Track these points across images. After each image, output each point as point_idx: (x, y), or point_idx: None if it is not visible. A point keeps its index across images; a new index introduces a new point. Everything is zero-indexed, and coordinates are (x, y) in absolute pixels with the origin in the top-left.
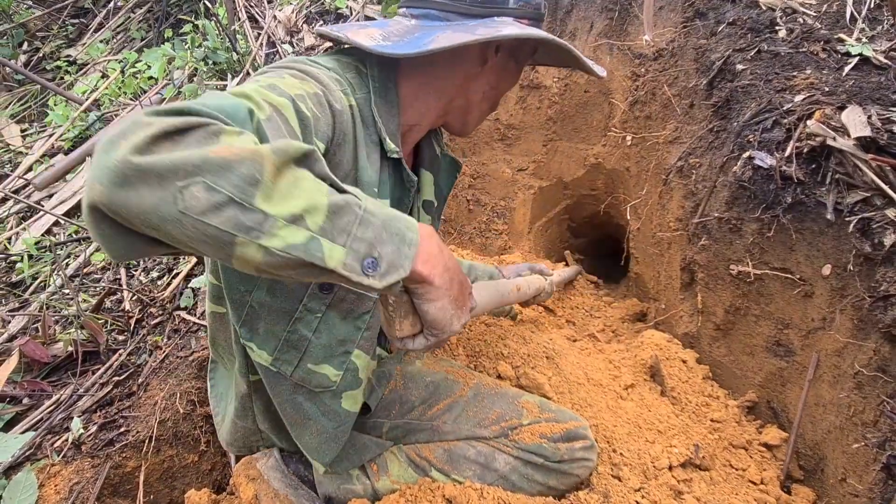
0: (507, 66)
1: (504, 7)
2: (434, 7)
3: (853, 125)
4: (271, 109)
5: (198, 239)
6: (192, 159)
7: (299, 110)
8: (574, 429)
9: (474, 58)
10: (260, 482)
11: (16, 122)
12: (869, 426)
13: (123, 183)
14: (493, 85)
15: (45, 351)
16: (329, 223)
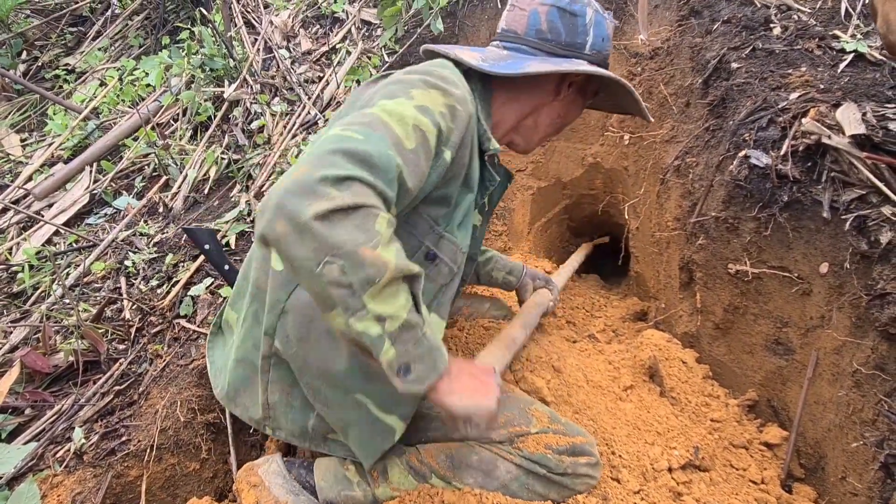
0: (575, 101)
1: (581, 52)
2: (526, 44)
3: (848, 123)
4: (416, 138)
5: (310, 290)
6: (345, 247)
7: (440, 130)
8: (581, 444)
9: (551, 89)
10: (261, 489)
11: (15, 132)
12: (868, 425)
13: (299, 235)
14: (561, 114)
15: (46, 361)
16: (398, 332)
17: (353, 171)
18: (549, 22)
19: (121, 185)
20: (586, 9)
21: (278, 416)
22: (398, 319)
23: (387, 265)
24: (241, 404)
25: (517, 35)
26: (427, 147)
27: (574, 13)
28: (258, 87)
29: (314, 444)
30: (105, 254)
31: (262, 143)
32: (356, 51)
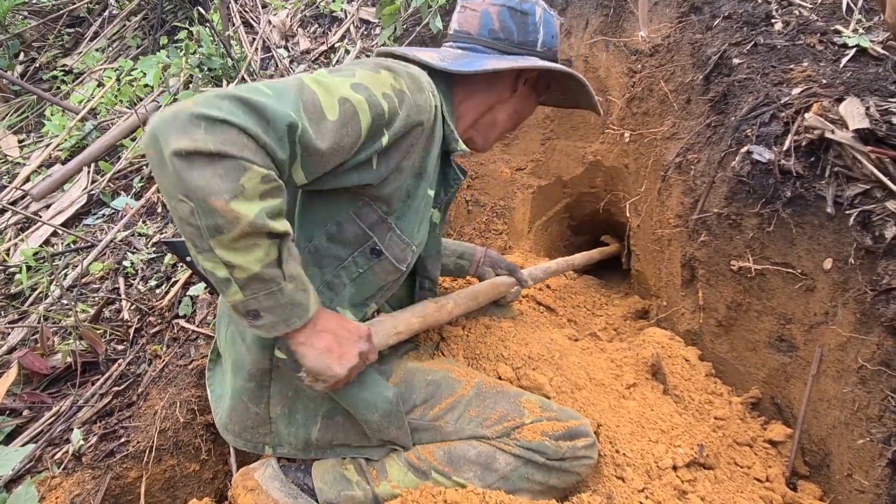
0: (529, 96)
1: (533, 49)
2: (479, 44)
3: (851, 117)
4: (341, 112)
5: (174, 219)
6: (197, 193)
7: (380, 111)
8: (575, 427)
9: (507, 85)
10: (258, 493)
11: (13, 133)
12: (874, 421)
13: (160, 165)
14: (517, 110)
15: (44, 362)
16: (246, 282)
17: (233, 117)
18: (500, 21)
19: (119, 186)
20: (535, 7)
21: (280, 431)
22: (247, 272)
23: (238, 220)
24: (233, 432)
25: (470, 35)
26: (355, 123)
27: (524, 12)
28: None
29: (318, 453)
30: (103, 254)
31: None
32: (355, 50)
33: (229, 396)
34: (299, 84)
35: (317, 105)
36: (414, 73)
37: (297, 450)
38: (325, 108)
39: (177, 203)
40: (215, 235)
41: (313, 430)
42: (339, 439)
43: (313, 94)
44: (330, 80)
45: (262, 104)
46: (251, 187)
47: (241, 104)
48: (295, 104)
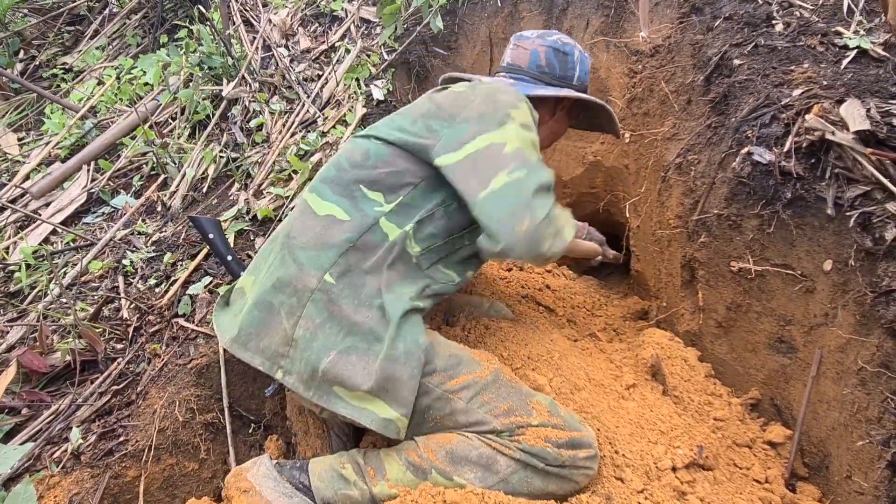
0: (563, 121)
1: (570, 83)
2: (528, 76)
3: (852, 119)
4: (534, 150)
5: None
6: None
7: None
8: (579, 437)
9: (548, 110)
10: (252, 494)
11: (13, 131)
12: (873, 423)
13: (544, 259)
14: (553, 131)
15: (43, 361)
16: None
17: (549, 203)
18: (546, 59)
19: (118, 184)
20: (574, 49)
21: (296, 355)
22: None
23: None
24: (252, 347)
25: (520, 69)
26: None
27: (566, 52)
28: (257, 85)
29: (318, 393)
30: (103, 253)
31: (261, 142)
32: (355, 49)
33: (264, 311)
34: (527, 150)
35: (537, 155)
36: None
37: (301, 381)
38: (529, 156)
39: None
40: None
41: (324, 360)
42: (342, 377)
43: (526, 154)
44: (517, 135)
45: (548, 183)
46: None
47: (546, 191)
48: (538, 163)
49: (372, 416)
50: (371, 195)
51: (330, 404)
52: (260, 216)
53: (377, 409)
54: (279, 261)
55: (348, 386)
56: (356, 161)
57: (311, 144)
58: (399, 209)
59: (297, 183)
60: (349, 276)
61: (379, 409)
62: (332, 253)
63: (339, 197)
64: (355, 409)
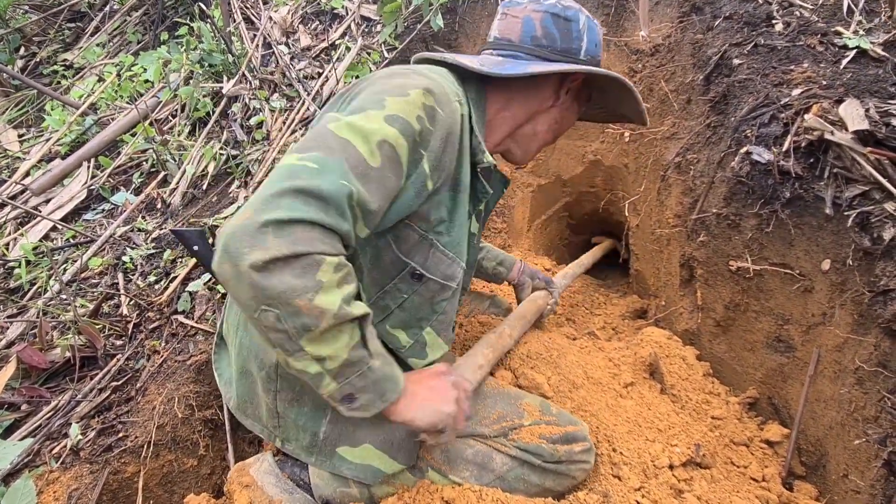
0: (571, 107)
1: (577, 58)
2: (521, 51)
3: (851, 118)
4: (383, 155)
5: (256, 329)
6: (280, 298)
7: (415, 139)
8: (573, 431)
9: (549, 93)
10: (254, 489)
11: (13, 128)
12: (870, 422)
13: (237, 281)
14: (557, 120)
15: (42, 357)
16: (338, 370)
17: (297, 212)
18: (543, 28)
19: (118, 181)
20: (579, 14)
21: (288, 427)
22: (338, 359)
23: (323, 315)
24: (250, 415)
25: (511, 42)
26: (397, 162)
27: (568, 18)
28: (257, 82)
29: (321, 458)
30: (102, 249)
31: (261, 139)
32: (356, 47)
33: (248, 380)
34: (338, 142)
35: (360, 159)
36: (439, 81)
37: (301, 448)
38: (367, 159)
39: (260, 314)
40: (304, 334)
41: (323, 423)
42: (345, 436)
43: (353, 149)
44: (363, 123)
45: (316, 189)
46: (328, 280)
47: (298, 195)
48: (342, 170)
49: (378, 473)
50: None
51: (335, 469)
52: None
53: (384, 465)
54: (243, 325)
55: (352, 443)
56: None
57: None
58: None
59: None
60: None
61: (386, 465)
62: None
63: None
64: (363, 469)
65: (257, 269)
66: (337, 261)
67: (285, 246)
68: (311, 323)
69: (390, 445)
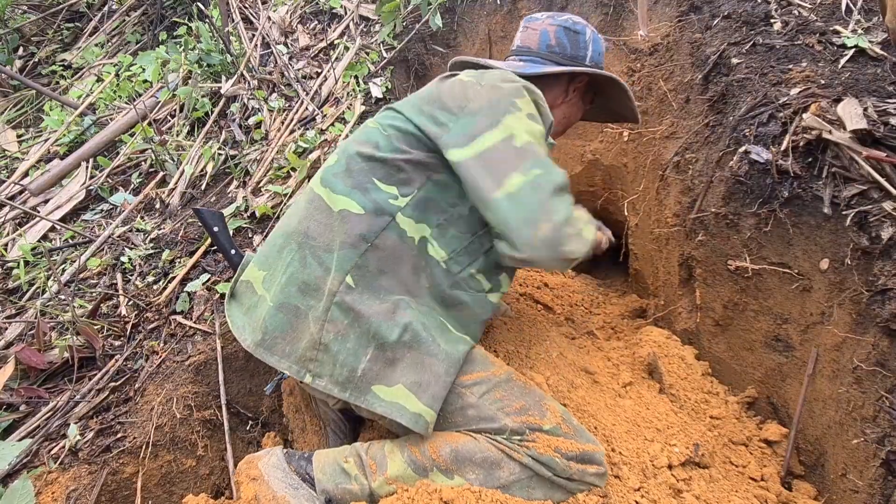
0: (577, 104)
1: (583, 63)
2: (538, 56)
3: (849, 118)
4: (539, 145)
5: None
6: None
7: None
8: (591, 452)
9: (560, 91)
10: (260, 482)
11: (12, 128)
12: (868, 421)
13: (565, 266)
14: (566, 115)
15: (41, 357)
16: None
17: (567, 204)
18: (557, 38)
19: (117, 181)
20: (586, 28)
21: (326, 359)
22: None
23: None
24: (278, 351)
25: (530, 50)
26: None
27: (577, 31)
28: (255, 82)
29: (356, 394)
30: (101, 250)
31: (260, 139)
32: (354, 46)
33: (290, 314)
34: (530, 147)
35: (541, 153)
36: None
37: (335, 383)
38: (542, 152)
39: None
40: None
41: (363, 359)
42: (382, 375)
43: (536, 147)
44: (525, 127)
45: (563, 184)
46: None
47: (562, 192)
48: (549, 161)
49: (403, 410)
50: (384, 188)
51: (367, 404)
52: (258, 214)
53: (409, 404)
54: (299, 261)
55: (387, 382)
56: (366, 152)
57: (310, 142)
58: (416, 204)
59: (295, 180)
60: (368, 278)
61: (411, 403)
62: (352, 254)
63: (352, 189)
64: (390, 406)
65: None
66: (584, 216)
67: (572, 227)
68: (591, 238)
69: (419, 387)
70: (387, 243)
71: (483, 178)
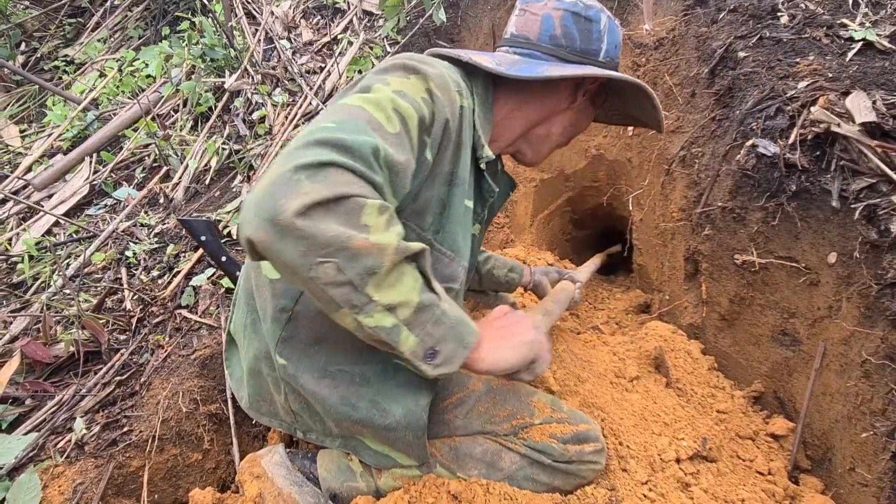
0: (586, 109)
1: (595, 59)
2: (538, 50)
3: (858, 111)
4: (400, 123)
5: (312, 293)
6: (334, 242)
7: (423, 117)
8: (585, 431)
9: (565, 95)
10: (264, 480)
11: (15, 123)
12: (877, 415)
13: (281, 237)
14: (572, 123)
15: (46, 351)
16: (413, 317)
17: (326, 157)
18: (563, 27)
19: (121, 176)
20: (601, 14)
21: (305, 420)
22: (410, 305)
23: (384, 251)
24: (266, 413)
25: (529, 40)
26: (410, 132)
27: (589, 18)
28: (259, 77)
29: (345, 442)
30: (105, 244)
31: (264, 134)
32: (358, 41)
33: (258, 380)
34: (352, 109)
35: (378, 123)
36: (441, 72)
37: (325, 436)
38: (384, 124)
39: (317, 269)
40: (370, 278)
41: (335, 428)
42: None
43: (369, 115)
44: (373, 96)
45: (341, 139)
46: (374, 223)
47: (324, 145)
48: (364, 128)
49: (394, 462)
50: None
51: (358, 455)
52: None
53: (398, 456)
54: (252, 327)
55: (371, 439)
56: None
57: None
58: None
59: None
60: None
61: (400, 456)
62: (276, 329)
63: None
64: (379, 457)
65: (301, 216)
66: (379, 203)
67: (325, 188)
68: (374, 263)
69: (401, 450)
70: (311, 308)
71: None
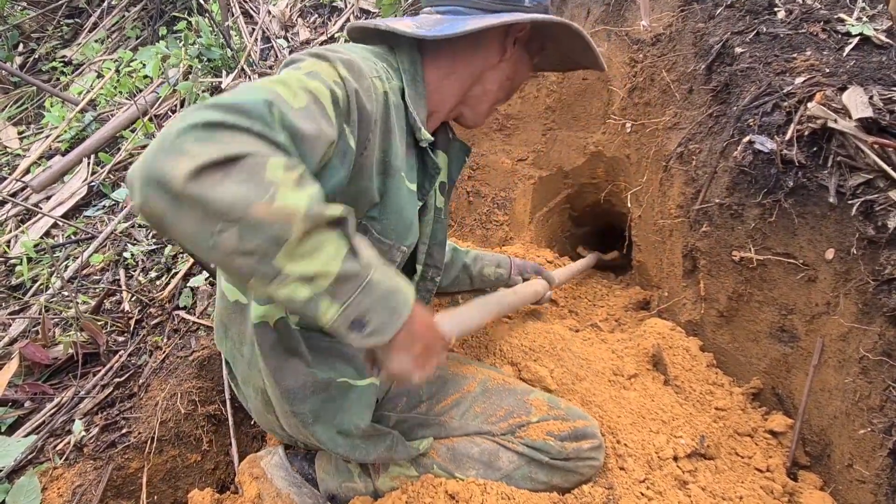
0: (522, 59)
1: (520, 4)
2: (461, 5)
3: (854, 106)
4: (308, 99)
5: (219, 265)
6: (234, 210)
7: (336, 98)
8: (582, 427)
9: (495, 49)
10: (263, 481)
11: (12, 125)
12: (875, 411)
13: (175, 206)
14: (509, 76)
15: (45, 353)
16: (333, 287)
17: (216, 117)
18: None
19: (119, 177)
20: None
21: (303, 433)
22: (329, 275)
23: (291, 217)
24: (266, 425)
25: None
26: (322, 109)
27: None
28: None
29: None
30: (104, 246)
31: None
32: None
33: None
34: (256, 85)
35: (282, 97)
36: (351, 58)
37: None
38: (289, 99)
39: (217, 237)
40: (278, 248)
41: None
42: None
43: (274, 92)
44: (280, 77)
45: (232, 102)
46: (280, 178)
47: (214, 108)
48: (264, 96)
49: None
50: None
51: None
52: None
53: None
54: (232, 346)
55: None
56: None
57: None
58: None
59: None
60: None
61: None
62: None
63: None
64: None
65: (192, 179)
66: (284, 160)
67: (215, 148)
68: (280, 231)
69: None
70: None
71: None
